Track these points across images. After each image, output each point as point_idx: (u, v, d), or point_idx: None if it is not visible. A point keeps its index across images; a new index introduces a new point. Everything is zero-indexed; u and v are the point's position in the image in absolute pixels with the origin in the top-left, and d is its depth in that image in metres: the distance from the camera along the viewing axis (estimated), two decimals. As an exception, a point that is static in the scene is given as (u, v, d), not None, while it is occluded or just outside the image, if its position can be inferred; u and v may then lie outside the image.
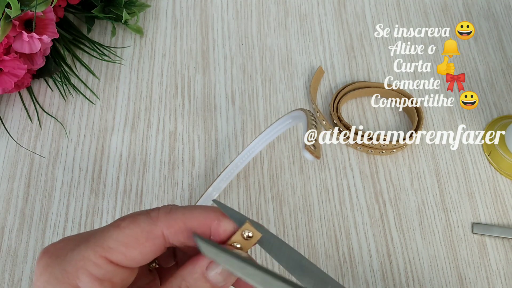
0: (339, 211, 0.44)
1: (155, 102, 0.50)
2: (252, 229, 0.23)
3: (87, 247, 0.21)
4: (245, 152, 0.43)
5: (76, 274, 0.21)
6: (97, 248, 0.21)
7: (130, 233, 0.22)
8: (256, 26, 0.55)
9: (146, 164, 0.47)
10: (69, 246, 0.22)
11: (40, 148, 0.47)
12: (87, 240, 0.22)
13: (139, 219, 0.22)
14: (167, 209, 0.23)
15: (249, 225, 0.23)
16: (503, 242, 0.43)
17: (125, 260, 0.22)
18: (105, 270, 0.21)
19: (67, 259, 0.21)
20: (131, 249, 0.22)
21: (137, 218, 0.22)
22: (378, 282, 0.42)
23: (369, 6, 0.57)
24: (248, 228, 0.23)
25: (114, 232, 0.22)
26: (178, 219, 0.23)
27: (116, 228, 0.22)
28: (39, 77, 0.50)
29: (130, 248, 0.22)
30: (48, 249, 0.22)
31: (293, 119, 0.39)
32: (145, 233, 0.22)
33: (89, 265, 0.21)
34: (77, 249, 0.22)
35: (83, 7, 0.53)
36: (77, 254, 0.21)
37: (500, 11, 0.56)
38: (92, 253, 0.21)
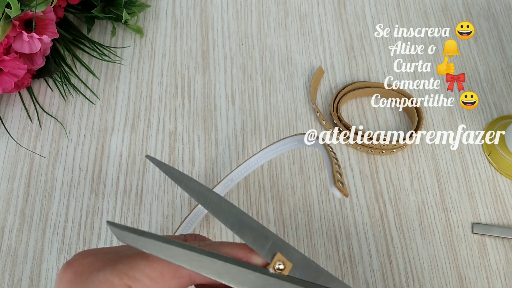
0: (339, 211, 0.44)
1: (155, 102, 0.50)
2: (283, 259, 0.23)
3: (113, 272, 0.21)
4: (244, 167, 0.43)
5: None
6: (123, 276, 0.21)
7: (157, 267, 0.22)
8: (256, 26, 0.55)
9: (146, 164, 0.47)
10: (95, 266, 0.22)
11: (40, 148, 0.47)
12: (113, 264, 0.22)
13: None
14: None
15: (280, 256, 0.23)
16: (503, 242, 0.43)
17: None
18: None
19: (91, 279, 0.21)
20: (154, 283, 0.21)
21: None
22: (378, 282, 0.42)
23: (369, 6, 0.57)
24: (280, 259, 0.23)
25: (142, 262, 0.22)
26: None
27: (144, 259, 0.22)
28: (39, 77, 0.50)
29: (154, 282, 0.21)
30: (73, 264, 0.22)
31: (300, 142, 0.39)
32: (172, 270, 0.22)
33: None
34: (103, 271, 0.21)
35: (83, 7, 0.53)
36: (102, 276, 0.21)
37: (500, 11, 0.56)
38: (117, 279, 0.21)
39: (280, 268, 0.23)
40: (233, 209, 0.24)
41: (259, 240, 0.23)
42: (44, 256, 0.42)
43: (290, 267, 0.23)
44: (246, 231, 0.23)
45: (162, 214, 0.44)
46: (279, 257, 0.23)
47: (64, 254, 0.42)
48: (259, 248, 0.23)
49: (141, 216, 0.44)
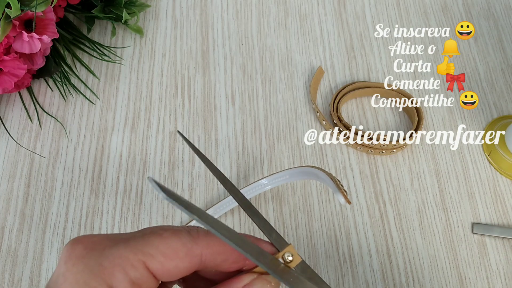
0: (339, 211, 0.44)
1: (155, 102, 0.50)
2: (293, 252, 0.23)
3: (127, 248, 0.21)
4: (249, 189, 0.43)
5: (112, 271, 0.20)
6: (137, 251, 0.21)
7: (171, 244, 0.21)
8: (256, 26, 0.55)
9: (146, 164, 0.47)
10: (106, 242, 0.22)
11: (40, 148, 0.47)
12: (126, 241, 0.21)
13: (181, 234, 0.22)
14: (205, 230, 0.23)
15: (291, 248, 0.23)
16: (503, 242, 0.43)
17: (160, 270, 0.21)
18: (140, 275, 0.21)
19: (105, 254, 0.21)
20: (169, 260, 0.21)
21: (179, 231, 0.22)
22: (378, 282, 0.42)
23: (369, 6, 0.57)
24: (291, 251, 0.23)
25: (156, 239, 0.21)
26: (217, 240, 0.23)
27: (158, 236, 0.22)
28: (39, 77, 0.50)
29: (168, 260, 0.21)
30: (81, 240, 0.22)
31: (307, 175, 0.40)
32: (185, 248, 0.22)
33: (126, 265, 0.20)
34: (116, 247, 0.21)
35: (83, 7, 0.53)
36: (116, 251, 0.21)
37: (500, 11, 0.56)
38: (132, 255, 0.21)
39: (289, 259, 0.23)
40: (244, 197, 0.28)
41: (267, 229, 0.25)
42: (44, 256, 0.42)
43: (298, 262, 0.23)
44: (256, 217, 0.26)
45: (162, 214, 0.44)
46: (290, 248, 0.23)
47: (64, 254, 0.42)
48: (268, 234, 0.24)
49: (141, 216, 0.44)
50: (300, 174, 0.41)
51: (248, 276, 0.23)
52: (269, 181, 0.42)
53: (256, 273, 0.23)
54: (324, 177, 0.36)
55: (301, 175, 0.40)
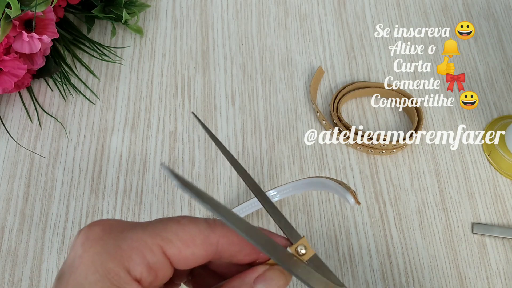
0: (339, 211, 0.44)
1: (155, 102, 0.50)
2: (307, 245, 0.23)
3: (145, 231, 0.21)
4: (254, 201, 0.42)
5: (130, 253, 0.20)
6: (156, 236, 0.21)
7: (189, 231, 0.21)
8: (256, 26, 0.55)
9: (146, 164, 0.47)
10: (125, 226, 0.21)
11: (40, 148, 0.47)
12: (144, 226, 0.21)
13: (199, 222, 0.22)
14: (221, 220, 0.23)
15: (305, 241, 0.23)
16: (503, 242, 0.43)
17: (178, 256, 0.21)
18: (158, 259, 0.21)
19: (123, 236, 0.21)
20: (186, 247, 0.21)
21: (196, 219, 0.22)
22: (378, 282, 0.42)
23: (369, 6, 0.57)
24: (304, 243, 0.23)
25: (174, 225, 0.21)
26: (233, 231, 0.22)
27: (176, 223, 0.22)
28: (39, 77, 0.50)
29: (186, 246, 0.21)
30: (99, 223, 0.22)
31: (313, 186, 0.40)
32: (202, 236, 0.22)
33: (144, 249, 0.20)
34: (134, 230, 0.21)
35: (83, 7, 0.53)
36: (134, 235, 0.21)
37: (500, 11, 0.56)
38: (150, 239, 0.21)
39: (302, 252, 0.23)
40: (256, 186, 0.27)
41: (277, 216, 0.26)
42: (44, 256, 0.42)
43: (311, 255, 0.23)
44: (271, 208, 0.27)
45: (162, 214, 0.44)
46: (303, 241, 0.23)
47: (64, 254, 0.42)
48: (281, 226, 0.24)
49: (141, 216, 0.44)
50: (306, 186, 0.40)
51: (261, 267, 0.23)
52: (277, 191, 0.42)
53: (269, 265, 0.23)
54: (332, 184, 0.36)
55: (307, 186, 0.40)
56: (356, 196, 0.33)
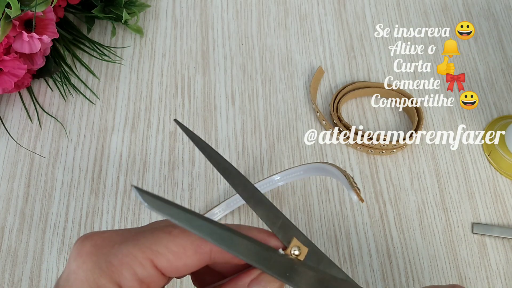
0: (339, 211, 0.44)
1: (155, 102, 0.50)
2: (299, 245, 0.23)
3: (135, 246, 0.21)
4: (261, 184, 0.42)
5: (120, 269, 0.20)
6: (146, 250, 0.21)
7: (180, 242, 0.21)
8: (256, 26, 0.55)
9: (146, 164, 0.47)
10: (116, 239, 0.22)
11: (40, 148, 0.47)
12: (135, 238, 0.21)
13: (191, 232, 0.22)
14: None
15: (296, 241, 0.23)
16: (503, 242, 0.43)
17: (169, 268, 0.21)
18: (148, 273, 0.21)
19: (113, 252, 0.21)
20: (177, 259, 0.21)
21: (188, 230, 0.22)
22: (378, 282, 0.42)
23: (369, 6, 0.57)
24: (297, 245, 0.23)
25: (165, 237, 0.21)
26: None
27: (167, 234, 0.22)
28: (39, 77, 0.50)
29: (177, 258, 0.21)
30: (91, 237, 0.22)
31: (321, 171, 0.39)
32: (194, 246, 0.22)
33: (135, 264, 0.21)
34: (125, 244, 0.21)
35: (83, 7, 0.53)
36: (125, 249, 0.21)
37: (500, 11, 0.56)
38: (140, 253, 0.21)
39: (296, 253, 0.23)
40: (249, 184, 0.26)
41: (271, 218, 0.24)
42: (44, 256, 0.42)
43: (306, 252, 0.23)
44: (261, 207, 0.25)
45: (162, 214, 0.44)
46: (295, 242, 0.23)
47: (64, 254, 0.42)
48: (271, 224, 0.24)
49: (141, 216, 0.44)
50: (314, 170, 0.40)
51: (255, 270, 0.23)
52: (281, 177, 0.42)
53: None
54: (338, 174, 0.36)
55: (315, 171, 0.40)
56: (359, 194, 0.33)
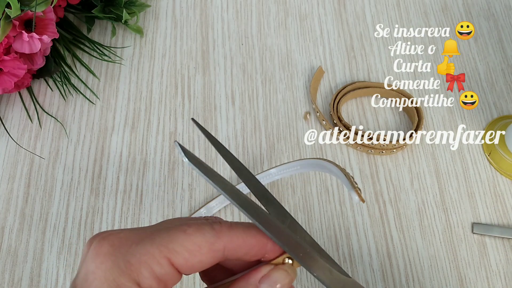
0: (339, 211, 0.44)
1: (155, 102, 0.50)
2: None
3: (153, 244, 0.22)
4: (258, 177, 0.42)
5: (139, 268, 0.21)
6: (163, 248, 0.21)
7: (195, 240, 0.22)
8: (256, 26, 0.55)
9: (146, 164, 0.47)
10: (133, 239, 0.22)
11: (40, 148, 0.47)
12: (151, 237, 0.22)
13: (204, 229, 0.23)
14: (228, 223, 0.24)
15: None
16: (503, 242, 0.43)
17: (185, 266, 0.22)
18: (165, 271, 0.21)
19: (131, 251, 0.21)
20: (193, 257, 0.22)
21: (202, 227, 0.23)
22: (378, 282, 0.42)
23: (369, 6, 0.57)
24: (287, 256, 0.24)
25: (180, 236, 0.22)
26: (239, 235, 0.23)
27: (182, 232, 0.22)
28: (39, 77, 0.50)
29: (192, 256, 0.22)
30: (108, 238, 0.22)
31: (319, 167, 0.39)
32: (209, 244, 0.22)
33: (153, 262, 0.21)
34: (142, 244, 0.22)
35: (83, 7, 0.53)
36: (142, 249, 0.21)
37: (500, 11, 0.56)
38: (158, 251, 0.21)
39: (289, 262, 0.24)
40: (259, 184, 0.28)
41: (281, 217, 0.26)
42: (44, 256, 0.42)
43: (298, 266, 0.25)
44: (271, 206, 0.27)
45: (162, 214, 0.44)
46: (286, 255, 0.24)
47: (64, 254, 0.42)
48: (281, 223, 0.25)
49: (141, 216, 0.44)
50: (311, 166, 0.40)
51: (266, 267, 0.23)
52: (278, 171, 0.42)
53: (273, 264, 0.24)
54: (337, 172, 0.35)
55: (312, 167, 0.39)
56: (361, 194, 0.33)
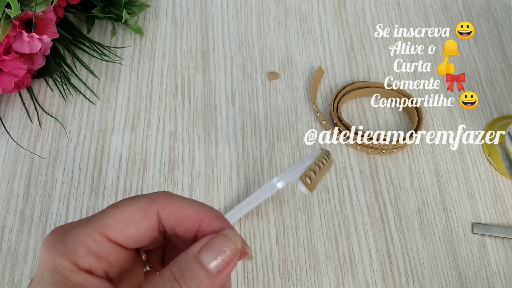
0: (339, 211, 0.44)
1: (155, 102, 0.50)
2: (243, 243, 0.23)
3: (88, 224, 0.22)
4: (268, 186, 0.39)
5: (75, 248, 0.22)
6: (97, 225, 0.22)
7: (127, 210, 0.23)
8: (256, 26, 0.55)
9: (146, 164, 0.47)
10: (72, 225, 0.23)
11: (40, 148, 0.47)
12: (88, 219, 0.23)
13: (137, 199, 0.23)
14: (167, 193, 0.24)
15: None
16: (503, 242, 0.43)
17: (122, 237, 0.22)
18: (103, 246, 0.22)
19: (69, 234, 0.22)
20: (127, 226, 0.22)
21: (135, 198, 0.24)
22: (378, 282, 0.42)
23: (369, 6, 0.57)
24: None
25: (113, 210, 0.23)
26: (174, 204, 0.24)
27: (115, 207, 0.23)
28: (39, 77, 0.50)
29: (126, 225, 0.22)
30: (54, 229, 0.23)
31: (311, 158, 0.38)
32: (141, 210, 0.23)
33: (88, 240, 0.22)
34: (79, 227, 0.23)
35: (83, 7, 0.53)
36: (78, 230, 0.22)
37: (500, 11, 0.56)
38: (92, 230, 0.22)
39: None
40: None
41: None
42: (44, 256, 0.42)
43: None
44: None
45: (162, 214, 0.44)
46: None
47: (64, 254, 0.42)
48: None
49: (141, 216, 0.44)
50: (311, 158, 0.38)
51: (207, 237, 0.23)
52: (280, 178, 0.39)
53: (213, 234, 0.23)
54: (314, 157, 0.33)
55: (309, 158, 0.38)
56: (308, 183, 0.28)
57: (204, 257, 0.22)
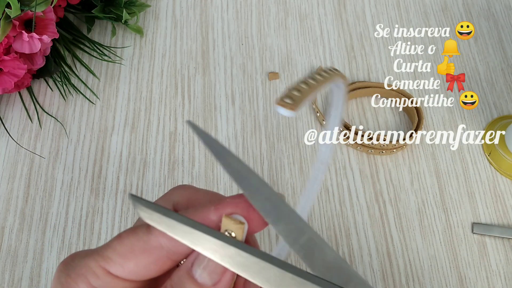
0: (339, 211, 0.44)
1: (155, 102, 0.50)
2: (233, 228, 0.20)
3: (91, 256, 0.21)
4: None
5: (76, 281, 0.21)
6: (98, 258, 0.21)
7: (127, 243, 0.21)
8: (256, 26, 0.55)
9: (146, 164, 0.47)
10: (80, 255, 0.22)
11: (40, 148, 0.47)
12: (94, 250, 0.22)
13: (138, 229, 0.21)
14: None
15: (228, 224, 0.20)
16: (503, 242, 0.43)
17: (123, 272, 0.21)
18: (103, 281, 0.21)
19: (73, 265, 0.21)
20: (126, 260, 0.21)
21: (136, 228, 0.21)
22: (378, 282, 0.42)
23: (369, 6, 0.57)
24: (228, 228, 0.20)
25: (115, 242, 0.21)
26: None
27: (117, 238, 0.21)
28: (39, 77, 0.50)
29: (125, 259, 0.21)
30: (68, 257, 0.23)
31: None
32: (141, 243, 0.21)
33: (89, 274, 0.21)
34: (84, 257, 0.22)
35: (83, 7, 0.53)
36: (82, 261, 0.21)
37: (500, 11, 0.56)
38: (93, 262, 0.21)
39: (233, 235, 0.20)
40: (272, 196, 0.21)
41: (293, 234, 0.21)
42: (44, 256, 0.42)
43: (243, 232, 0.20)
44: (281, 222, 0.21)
45: (162, 214, 0.44)
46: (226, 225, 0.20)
47: (64, 254, 0.42)
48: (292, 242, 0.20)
49: (141, 216, 0.44)
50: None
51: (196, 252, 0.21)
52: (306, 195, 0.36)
53: None
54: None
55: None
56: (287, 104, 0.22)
57: (196, 271, 0.20)
